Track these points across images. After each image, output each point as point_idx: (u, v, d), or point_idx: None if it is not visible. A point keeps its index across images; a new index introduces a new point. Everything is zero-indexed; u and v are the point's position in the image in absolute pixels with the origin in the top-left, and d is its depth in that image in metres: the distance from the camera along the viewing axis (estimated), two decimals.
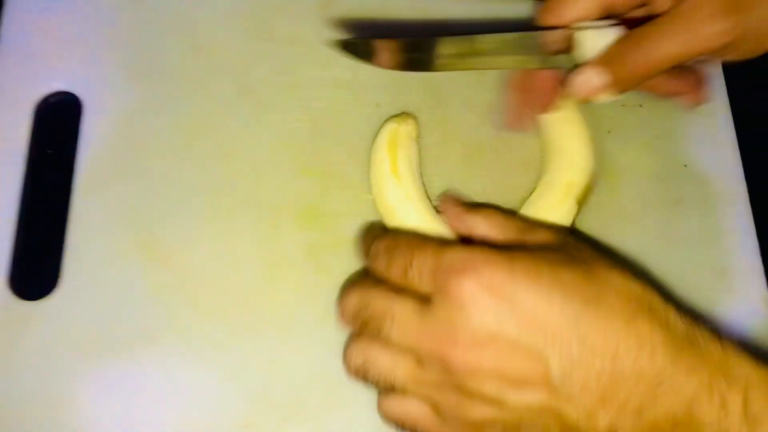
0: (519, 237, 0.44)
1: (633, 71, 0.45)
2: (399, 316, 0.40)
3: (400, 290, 0.41)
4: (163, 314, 0.49)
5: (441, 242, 0.42)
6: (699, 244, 0.55)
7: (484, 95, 0.58)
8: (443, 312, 0.38)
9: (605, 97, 0.47)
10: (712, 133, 0.59)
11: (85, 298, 0.49)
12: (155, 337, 0.48)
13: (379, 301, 0.41)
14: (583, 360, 0.35)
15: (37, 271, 0.50)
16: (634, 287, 0.38)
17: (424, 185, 0.53)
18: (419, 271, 0.40)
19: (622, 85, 0.46)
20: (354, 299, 0.43)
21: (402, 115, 0.54)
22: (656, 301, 0.38)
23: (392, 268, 0.41)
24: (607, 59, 0.46)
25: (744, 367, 0.36)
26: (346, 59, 0.53)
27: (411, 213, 0.49)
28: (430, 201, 0.52)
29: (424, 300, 0.39)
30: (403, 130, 0.53)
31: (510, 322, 0.37)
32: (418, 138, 0.54)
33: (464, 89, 0.58)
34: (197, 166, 0.54)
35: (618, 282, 0.38)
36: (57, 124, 0.55)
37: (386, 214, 0.50)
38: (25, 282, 0.50)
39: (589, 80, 0.47)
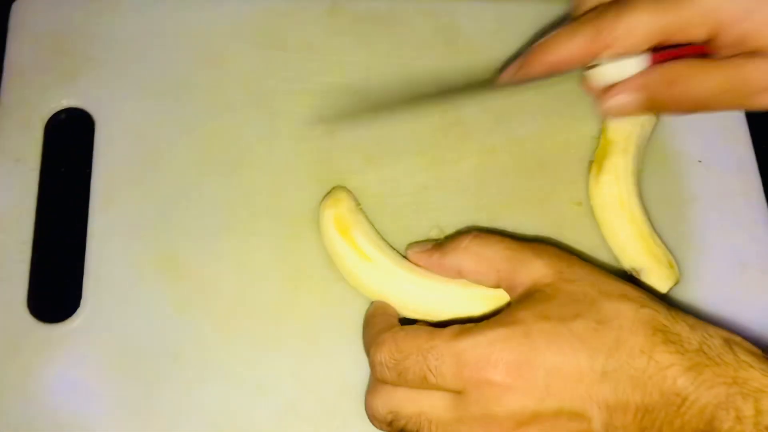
0: (510, 268, 0.43)
1: (675, 103, 0.45)
2: (436, 418, 0.40)
3: (423, 388, 0.40)
4: (187, 331, 0.48)
5: (449, 334, 0.40)
6: (715, 239, 0.55)
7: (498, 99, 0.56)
8: (480, 404, 0.38)
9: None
10: (725, 127, 0.58)
11: (107, 319, 0.48)
12: (179, 355, 0.47)
13: (408, 406, 0.41)
14: (619, 405, 0.37)
15: (57, 291, 0.49)
16: (643, 313, 0.39)
17: (391, 248, 0.50)
18: (441, 375, 0.39)
19: (656, 109, 0.46)
20: (381, 408, 0.42)
21: (332, 193, 0.51)
22: (665, 318, 0.39)
23: (408, 377, 0.40)
24: (648, 82, 0.46)
25: (754, 373, 0.36)
26: (359, 64, 0.53)
27: (400, 287, 0.47)
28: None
29: (453, 393, 0.39)
30: (345, 208, 0.49)
31: (547, 395, 0.37)
32: (358, 204, 0.51)
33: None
34: (214, 179, 0.53)
35: (628, 315, 0.39)
36: (69, 141, 0.54)
37: (377, 299, 0.48)
38: (46, 303, 0.49)
39: (625, 99, 0.46)
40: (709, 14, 0.42)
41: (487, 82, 0.52)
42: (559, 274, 0.42)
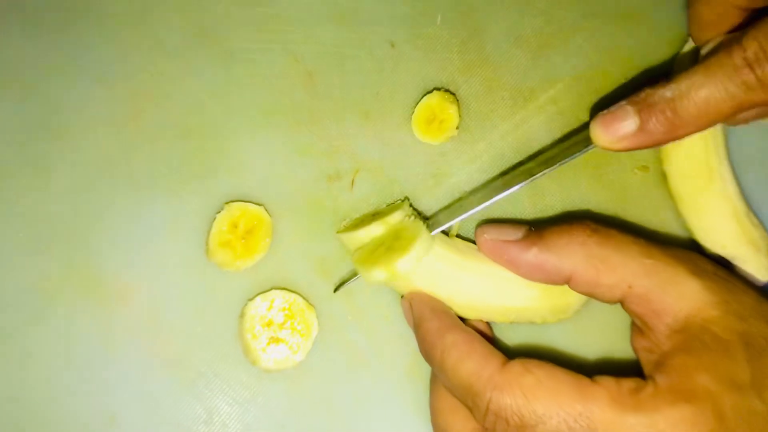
0: (652, 285, 0.33)
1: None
2: None
3: None
4: None
5: (607, 400, 0.31)
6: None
7: (531, 20, 0.45)
8: None
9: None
10: None
11: None
12: None
13: None
14: None
15: None
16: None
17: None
18: None
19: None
20: None
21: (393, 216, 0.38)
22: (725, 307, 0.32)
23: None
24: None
25: None
26: None
27: (461, 281, 0.37)
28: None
29: None
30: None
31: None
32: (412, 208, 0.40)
33: (504, 14, 0.44)
34: None
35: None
36: None
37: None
38: None
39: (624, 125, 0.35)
40: None
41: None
42: (725, 305, 0.32)
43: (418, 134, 0.41)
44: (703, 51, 0.37)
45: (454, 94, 0.42)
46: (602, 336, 0.39)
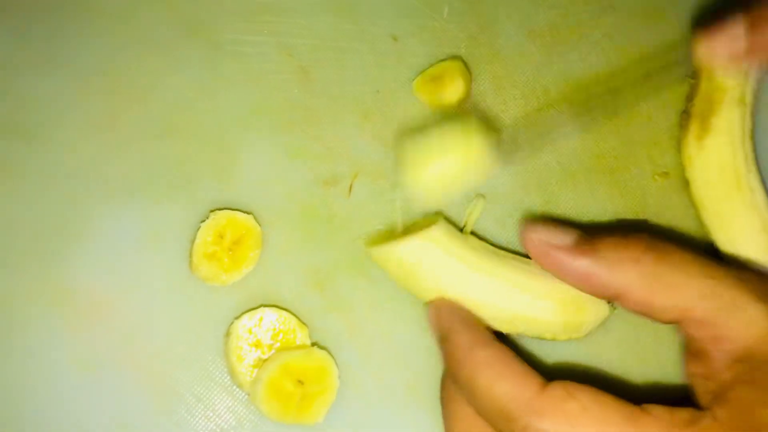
0: (713, 309, 0.31)
1: None
2: None
3: None
4: None
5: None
6: None
7: (545, 13, 0.42)
8: None
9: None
10: None
11: None
12: None
13: None
14: None
15: None
16: None
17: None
18: None
19: None
20: None
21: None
22: None
23: None
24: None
25: None
26: None
27: (497, 293, 0.34)
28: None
29: None
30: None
31: None
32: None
33: (516, 6, 0.41)
34: None
35: None
36: None
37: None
38: None
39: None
40: None
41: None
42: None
43: (420, 95, 0.38)
44: None
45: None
46: (620, 355, 0.37)
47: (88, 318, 0.35)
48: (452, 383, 0.32)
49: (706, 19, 0.32)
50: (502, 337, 0.34)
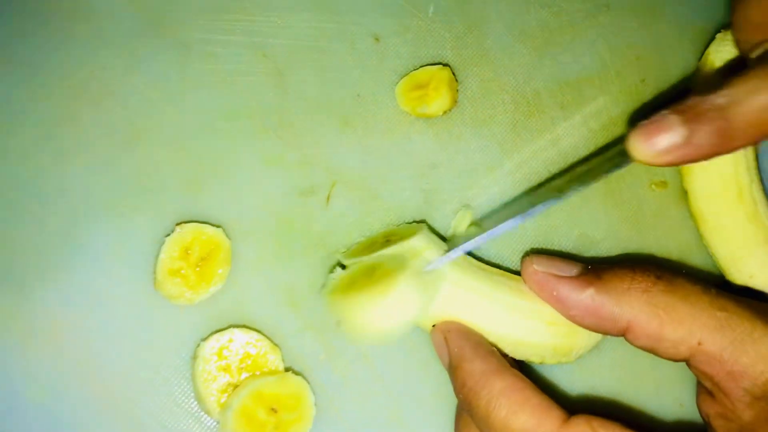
0: (726, 343, 0.30)
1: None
2: None
3: None
4: None
5: None
6: None
7: (537, 12, 0.40)
8: None
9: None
10: None
11: None
12: None
13: None
14: None
15: None
16: None
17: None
18: None
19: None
20: None
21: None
22: None
23: None
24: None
25: None
26: None
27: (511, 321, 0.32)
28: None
29: None
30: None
31: None
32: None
33: (506, 5, 0.39)
34: None
35: None
36: None
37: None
38: None
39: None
40: None
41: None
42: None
43: (402, 104, 0.36)
44: (754, 54, 0.32)
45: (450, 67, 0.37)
46: (612, 378, 0.35)
47: (46, 340, 0.32)
48: (466, 413, 0.31)
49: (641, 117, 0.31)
50: (518, 362, 0.33)
